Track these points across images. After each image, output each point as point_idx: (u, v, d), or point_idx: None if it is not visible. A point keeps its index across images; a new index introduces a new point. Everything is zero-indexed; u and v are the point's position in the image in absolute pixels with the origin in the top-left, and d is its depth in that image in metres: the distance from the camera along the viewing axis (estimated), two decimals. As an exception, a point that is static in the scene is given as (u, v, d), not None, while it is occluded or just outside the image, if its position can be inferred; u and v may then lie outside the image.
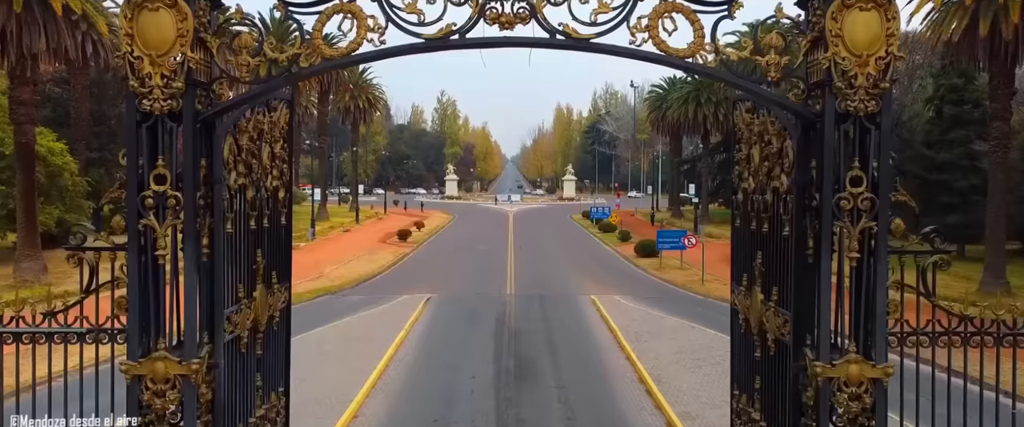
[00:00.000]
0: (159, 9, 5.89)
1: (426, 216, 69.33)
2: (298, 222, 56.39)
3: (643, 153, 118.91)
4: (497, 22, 6.33)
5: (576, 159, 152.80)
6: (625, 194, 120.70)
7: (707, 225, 55.92)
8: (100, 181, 46.80)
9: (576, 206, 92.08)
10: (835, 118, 6.07)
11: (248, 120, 7.05)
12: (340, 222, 59.33)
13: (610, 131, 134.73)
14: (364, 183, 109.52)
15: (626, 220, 66.42)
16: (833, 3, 5.91)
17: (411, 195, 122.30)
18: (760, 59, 6.30)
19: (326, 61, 6.42)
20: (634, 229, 54.33)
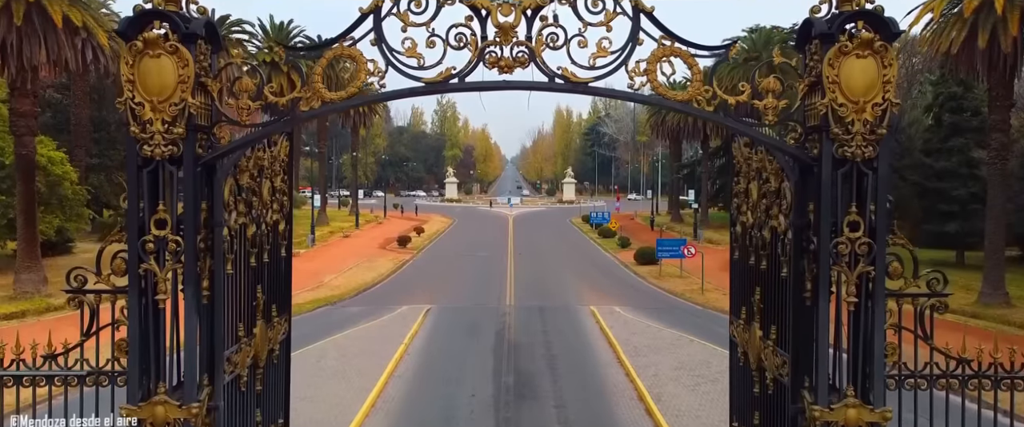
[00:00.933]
0: (160, 56, 5.92)
1: (425, 220, 69.42)
2: (298, 227, 56.40)
3: (643, 155, 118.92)
4: (496, 66, 6.36)
5: (576, 161, 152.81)
6: (625, 196, 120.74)
7: (706, 229, 55.96)
8: (100, 187, 46.91)
9: (575, 209, 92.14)
10: (832, 163, 6.11)
11: (248, 158, 7.08)
12: (340, 227, 59.33)
13: (610, 133, 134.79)
14: (364, 186, 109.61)
15: (625, 224, 66.49)
16: (830, 50, 5.94)
17: (411, 197, 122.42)
18: (758, 103, 6.34)
19: (326, 104, 6.46)
20: (634, 234, 54.35)
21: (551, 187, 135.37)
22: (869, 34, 5.86)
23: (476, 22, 6.38)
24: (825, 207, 6.11)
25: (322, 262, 38.05)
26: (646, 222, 66.45)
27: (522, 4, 6.26)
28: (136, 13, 5.98)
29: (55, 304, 23.79)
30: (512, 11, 6.26)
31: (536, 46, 6.36)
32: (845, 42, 5.90)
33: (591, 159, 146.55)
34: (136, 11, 6.03)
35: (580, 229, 62.86)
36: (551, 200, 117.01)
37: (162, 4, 6.02)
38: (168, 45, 5.90)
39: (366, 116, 73.79)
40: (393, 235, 53.28)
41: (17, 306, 22.80)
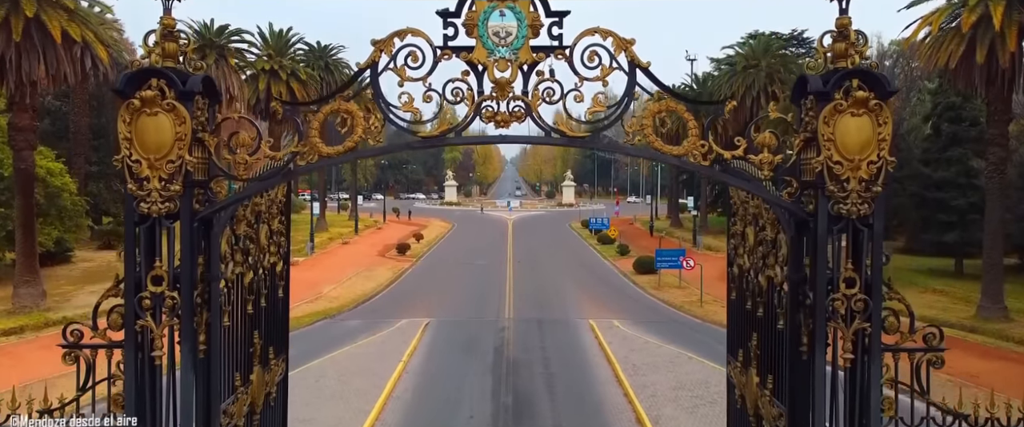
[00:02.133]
0: (158, 114, 5.93)
1: (424, 225, 69.43)
2: (297, 233, 56.34)
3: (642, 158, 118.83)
4: (493, 120, 6.39)
5: (575, 163, 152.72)
6: (624, 199, 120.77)
7: (706, 234, 55.98)
8: (99, 194, 46.93)
9: (575, 213, 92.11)
10: (828, 220, 6.14)
11: (246, 206, 7.09)
12: (339, 233, 59.32)
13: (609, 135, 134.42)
14: (363, 189, 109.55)
15: (625, 229, 66.44)
16: (825, 107, 5.96)
17: (410, 200, 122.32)
18: (754, 157, 6.35)
19: (323, 159, 6.48)
20: (633, 241, 54.34)
21: (550, 189, 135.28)
22: (864, 93, 5.89)
23: (473, 77, 6.40)
24: (821, 263, 6.14)
25: (321, 271, 38.05)
26: (645, 227, 66.49)
27: (518, 59, 6.28)
28: (134, 71, 6.00)
29: (53, 319, 23.76)
30: (508, 66, 6.28)
31: (532, 100, 6.38)
32: (840, 100, 5.92)
33: (590, 161, 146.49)
34: (134, 68, 6.06)
35: (579, 234, 62.87)
36: (550, 203, 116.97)
37: (159, 62, 6.03)
38: (165, 103, 5.92)
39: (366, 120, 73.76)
40: (392, 242, 53.28)
41: (16, 321, 22.78)
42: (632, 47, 6.38)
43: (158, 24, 6.20)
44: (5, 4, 22.16)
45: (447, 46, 6.39)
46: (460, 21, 6.31)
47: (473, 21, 6.25)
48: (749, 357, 7.72)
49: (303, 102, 7.29)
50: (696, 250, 49.78)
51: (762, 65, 47.76)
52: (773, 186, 6.66)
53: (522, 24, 6.23)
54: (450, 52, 6.38)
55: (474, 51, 6.30)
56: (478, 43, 6.28)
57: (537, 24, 6.27)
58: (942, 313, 25.99)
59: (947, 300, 28.90)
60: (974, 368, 19.11)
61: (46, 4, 22.82)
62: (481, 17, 6.23)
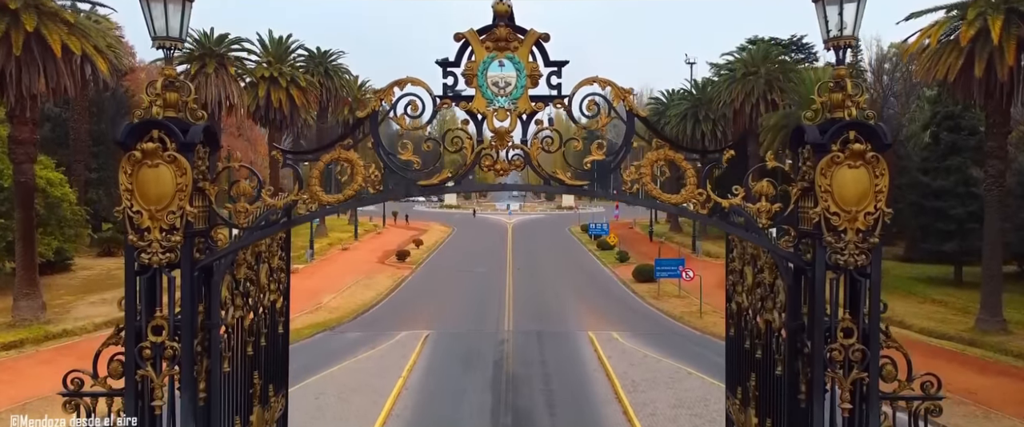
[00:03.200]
0: (159, 165, 5.97)
1: (424, 230, 69.41)
2: (297, 239, 56.33)
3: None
4: (492, 169, 6.43)
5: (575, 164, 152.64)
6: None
7: (705, 241, 55.93)
8: (99, 201, 46.93)
9: (574, 216, 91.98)
10: (825, 268, 6.17)
11: (247, 249, 7.12)
12: (339, 238, 59.25)
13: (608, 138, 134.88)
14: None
15: (624, 234, 66.44)
16: (822, 159, 6.01)
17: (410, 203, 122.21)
18: (751, 206, 6.39)
19: (323, 207, 6.52)
20: (632, 246, 54.37)
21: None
22: (861, 145, 5.93)
23: (472, 126, 6.45)
24: (818, 313, 6.17)
25: (321, 279, 38.06)
26: (645, 232, 66.43)
27: (517, 109, 6.33)
28: (135, 123, 6.04)
29: (53, 332, 23.80)
30: (507, 116, 6.32)
31: (531, 149, 6.43)
32: (837, 152, 5.96)
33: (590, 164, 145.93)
34: (136, 119, 6.09)
35: (579, 240, 62.86)
36: (550, 205, 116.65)
37: (160, 113, 6.07)
38: (166, 155, 5.95)
39: (365, 125, 73.84)
40: (392, 247, 53.26)
41: (16, 334, 22.79)
42: (630, 96, 6.42)
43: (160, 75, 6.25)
44: (5, 18, 22.16)
45: (447, 95, 6.45)
46: (459, 71, 6.36)
47: (472, 71, 6.31)
48: (748, 397, 7.76)
49: (303, 151, 7.22)
50: (695, 257, 49.77)
51: (761, 72, 47.78)
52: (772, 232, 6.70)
53: (521, 74, 6.28)
54: (450, 101, 6.43)
55: (473, 101, 6.36)
56: (477, 93, 6.34)
57: (536, 74, 6.32)
58: (940, 325, 26.01)
59: (946, 311, 28.91)
60: (973, 384, 19.14)
61: (46, 18, 22.81)
62: (480, 67, 6.28)
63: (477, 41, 6.26)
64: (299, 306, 30.11)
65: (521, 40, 6.28)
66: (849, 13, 6.05)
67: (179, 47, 6.23)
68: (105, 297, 30.72)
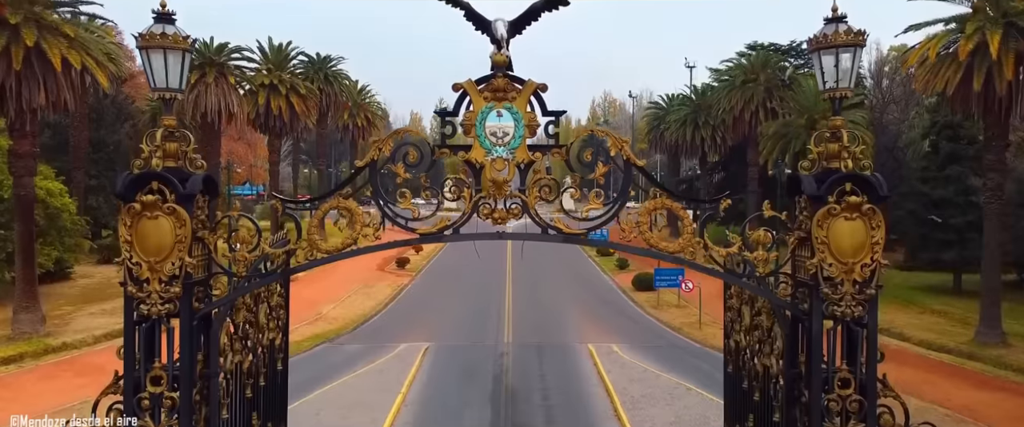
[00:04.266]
0: (158, 217, 6.00)
1: (424, 235, 69.39)
2: (296, 244, 56.34)
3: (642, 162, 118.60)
4: (490, 217, 6.46)
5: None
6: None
7: (705, 247, 55.98)
8: (99, 208, 46.94)
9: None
10: (822, 319, 6.20)
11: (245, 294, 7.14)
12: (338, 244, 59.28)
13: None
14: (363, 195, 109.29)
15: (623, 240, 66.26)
16: (819, 211, 6.04)
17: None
18: (749, 255, 6.41)
19: (322, 256, 6.54)
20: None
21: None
22: (857, 198, 5.96)
23: (471, 175, 6.48)
24: (816, 363, 6.20)
25: (321, 288, 37.99)
26: (644, 237, 66.50)
27: (515, 159, 6.36)
28: (135, 174, 6.07)
29: (53, 345, 23.79)
30: (506, 165, 6.35)
31: (530, 198, 6.46)
32: (833, 204, 5.99)
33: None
34: (136, 171, 6.12)
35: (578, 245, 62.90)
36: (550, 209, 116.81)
37: (160, 164, 6.10)
38: (166, 207, 5.99)
39: (365, 131, 73.86)
40: (392, 253, 53.28)
41: (15, 348, 22.78)
42: (626, 146, 6.44)
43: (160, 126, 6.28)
44: (6, 33, 22.18)
45: (445, 144, 6.48)
46: (458, 120, 6.39)
47: (471, 121, 6.34)
48: (745, 437, 7.78)
49: (303, 199, 7.25)
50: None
51: (760, 79, 47.78)
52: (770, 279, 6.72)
53: (519, 124, 6.31)
54: (448, 150, 6.46)
55: (472, 150, 6.39)
56: (476, 143, 6.37)
57: (534, 124, 6.35)
58: (940, 337, 26.01)
59: (945, 322, 28.92)
60: (972, 400, 19.15)
61: (46, 32, 22.85)
62: (479, 117, 6.31)
63: (475, 91, 6.29)
64: (299, 316, 30.05)
65: (519, 90, 6.32)
66: (845, 66, 6.08)
67: (177, 97, 6.25)
68: (105, 307, 30.71)
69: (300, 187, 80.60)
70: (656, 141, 68.85)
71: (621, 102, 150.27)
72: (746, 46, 59.66)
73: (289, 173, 76.11)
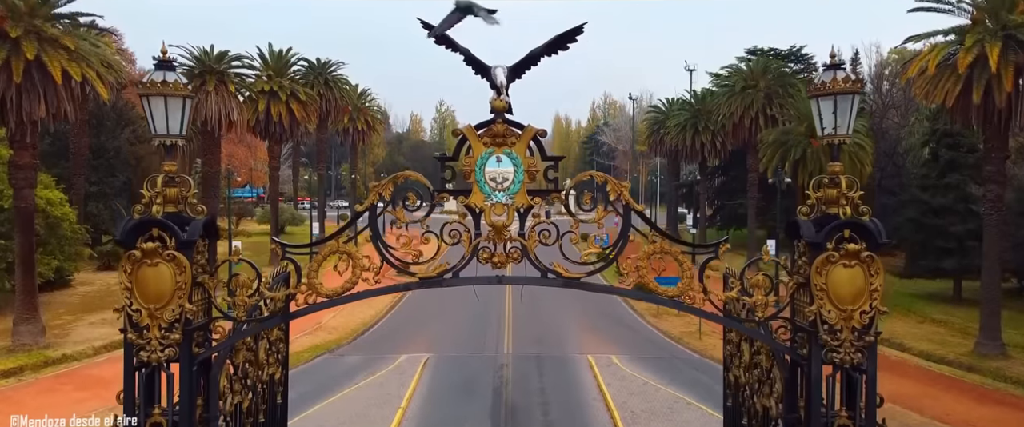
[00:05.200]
0: (158, 264, 6.02)
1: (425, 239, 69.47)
2: (296, 250, 56.30)
3: (642, 164, 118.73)
4: (490, 262, 6.48)
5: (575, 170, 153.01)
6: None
7: (705, 252, 55.96)
8: (99, 215, 46.96)
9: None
10: (822, 364, 6.21)
11: (245, 332, 7.15)
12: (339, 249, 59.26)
13: (608, 142, 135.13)
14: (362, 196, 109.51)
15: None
16: (818, 258, 6.05)
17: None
18: (748, 299, 6.42)
19: (322, 301, 6.55)
20: (632, 258, 54.40)
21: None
22: (856, 246, 5.97)
23: (470, 218, 6.49)
24: (815, 408, 6.21)
25: (321, 295, 38.08)
26: (644, 242, 66.48)
27: (515, 203, 6.37)
28: (135, 222, 6.08)
29: (53, 357, 23.79)
30: (505, 210, 6.37)
31: (529, 242, 6.47)
32: (832, 251, 6.01)
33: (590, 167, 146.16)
34: (136, 217, 6.13)
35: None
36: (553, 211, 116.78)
37: (160, 211, 6.11)
38: (166, 254, 6.00)
39: (365, 134, 73.90)
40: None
41: (15, 361, 22.78)
42: (626, 190, 6.45)
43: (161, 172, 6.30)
44: (6, 46, 22.20)
45: (445, 189, 6.49)
46: (458, 166, 6.40)
47: (470, 166, 6.35)
48: (745, 473, 7.79)
49: (303, 244, 7.23)
50: (695, 269, 49.76)
51: (760, 86, 47.77)
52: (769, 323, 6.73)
53: (519, 169, 6.32)
54: (448, 195, 6.47)
55: (471, 195, 6.40)
56: (475, 187, 6.38)
57: (533, 169, 6.37)
58: (939, 348, 26.03)
59: (945, 332, 28.93)
60: (972, 415, 19.16)
61: (47, 44, 22.86)
62: (478, 162, 6.32)
63: (475, 137, 6.31)
64: (299, 327, 30.05)
65: (519, 135, 6.33)
66: (843, 113, 6.09)
67: (179, 143, 6.26)
68: (105, 317, 30.70)
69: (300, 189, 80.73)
70: (656, 145, 68.96)
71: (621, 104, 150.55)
72: (746, 51, 59.82)
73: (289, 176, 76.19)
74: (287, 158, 74.79)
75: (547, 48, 6.35)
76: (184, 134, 6.31)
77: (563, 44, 6.40)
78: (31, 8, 23.06)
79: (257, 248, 56.66)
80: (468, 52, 6.35)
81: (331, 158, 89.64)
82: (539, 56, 6.37)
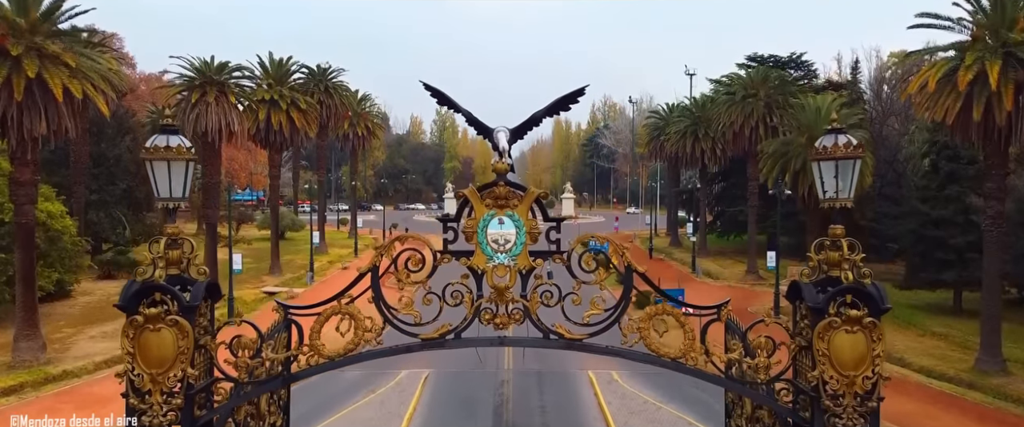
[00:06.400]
0: (161, 329, 6.03)
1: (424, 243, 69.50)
2: (297, 257, 56.54)
3: (642, 167, 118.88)
4: (492, 323, 6.49)
5: (575, 172, 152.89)
6: (624, 210, 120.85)
7: (705, 258, 55.96)
8: (99, 223, 46.99)
9: (574, 228, 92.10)
10: None
11: (246, 386, 7.15)
12: (339, 255, 59.33)
13: (608, 145, 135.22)
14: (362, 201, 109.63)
15: (624, 249, 66.21)
16: (820, 323, 6.06)
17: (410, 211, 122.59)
18: (750, 361, 6.43)
19: (324, 362, 6.56)
20: (632, 265, 54.29)
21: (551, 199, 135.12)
22: (858, 311, 5.98)
23: (472, 279, 6.50)
24: (816, 472, 6.21)
25: (321, 306, 38.06)
26: (645, 247, 66.46)
27: (517, 265, 6.38)
28: (138, 287, 6.09)
29: (53, 373, 23.80)
30: (507, 272, 6.38)
31: (531, 303, 6.48)
32: (834, 317, 6.02)
33: (590, 170, 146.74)
34: (139, 281, 6.14)
35: (579, 256, 62.85)
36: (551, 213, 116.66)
37: (162, 276, 6.12)
38: (169, 319, 6.01)
39: (365, 140, 73.92)
40: (392, 266, 53.25)
41: (15, 378, 22.80)
42: (627, 253, 6.46)
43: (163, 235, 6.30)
44: (7, 64, 22.21)
45: (447, 250, 6.50)
46: (460, 227, 6.42)
47: (472, 228, 6.36)
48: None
49: (305, 306, 7.26)
50: (695, 278, 49.78)
51: (760, 95, 47.80)
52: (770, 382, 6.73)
53: (520, 231, 6.33)
54: (450, 256, 6.47)
55: (474, 256, 6.41)
56: (478, 249, 6.39)
57: (535, 231, 6.38)
58: (940, 363, 26.03)
59: (945, 346, 28.94)
60: None
61: (48, 61, 22.88)
62: (480, 224, 6.34)
63: (477, 199, 6.32)
64: (299, 339, 30.18)
65: (521, 197, 6.35)
66: (845, 177, 6.10)
67: (181, 206, 6.27)
68: (105, 330, 30.71)
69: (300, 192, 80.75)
70: (656, 151, 69.03)
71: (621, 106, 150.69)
72: (746, 57, 59.94)
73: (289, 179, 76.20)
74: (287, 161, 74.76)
75: (548, 110, 6.38)
76: (186, 197, 6.31)
77: (565, 105, 6.43)
78: (32, 25, 23.08)
79: (257, 255, 56.72)
80: (470, 114, 6.37)
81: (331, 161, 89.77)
82: (541, 118, 6.39)
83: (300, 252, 56.51)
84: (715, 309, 6.47)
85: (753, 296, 43.13)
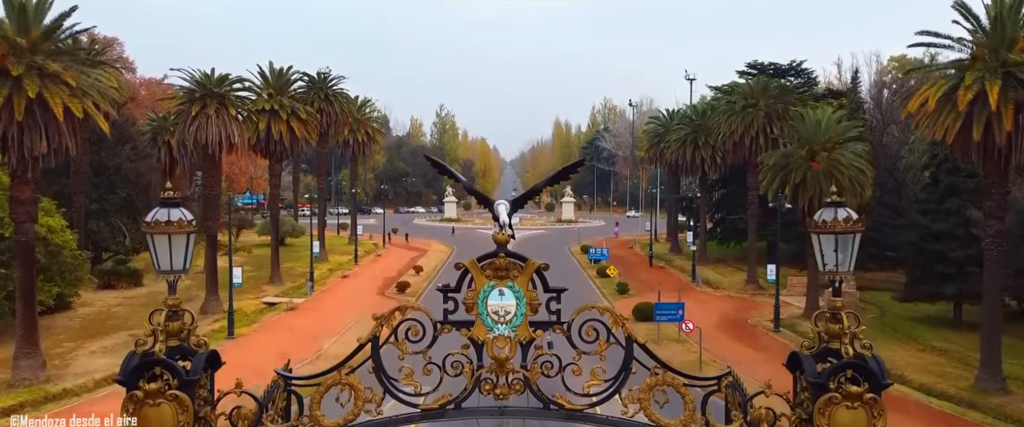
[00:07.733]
0: (160, 404, 6.02)
1: (424, 250, 69.70)
2: (297, 265, 56.57)
3: (642, 169, 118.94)
4: (492, 393, 6.49)
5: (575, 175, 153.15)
6: (624, 213, 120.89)
7: (705, 266, 55.97)
8: (99, 232, 47.04)
9: (574, 231, 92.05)
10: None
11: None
12: (339, 263, 59.32)
13: (608, 148, 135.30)
14: (363, 204, 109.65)
15: (624, 255, 66.41)
16: (821, 398, 6.05)
17: (410, 214, 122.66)
18: (752, 432, 6.42)
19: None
20: (632, 273, 54.35)
21: (550, 201, 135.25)
22: (858, 387, 5.98)
23: (472, 349, 6.51)
24: None
25: (321, 317, 38.07)
26: (645, 253, 66.50)
27: (517, 337, 6.39)
28: (138, 361, 6.09)
29: (53, 392, 23.78)
30: (507, 344, 6.38)
31: (531, 374, 6.49)
32: (834, 393, 6.01)
33: (590, 172, 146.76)
34: (139, 354, 6.14)
35: (578, 263, 62.91)
36: (551, 218, 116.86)
37: (162, 349, 6.12)
38: (169, 394, 6.01)
39: (365, 145, 73.92)
40: (392, 274, 53.34)
41: (15, 397, 22.79)
42: (627, 322, 6.47)
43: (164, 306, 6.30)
44: (8, 84, 22.23)
45: (447, 321, 6.50)
46: (460, 298, 6.42)
47: (472, 299, 6.36)
48: None
49: (306, 376, 7.27)
50: (695, 287, 49.80)
51: (760, 105, 47.82)
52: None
53: (521, 302, 6.34)
54: (450, 327, 6.48)
55: (474, 327, 6.41)
56: (478, 320, 6.40)
57: (535, 302, 6.38)
58: (940, 381, 26.01)
59: (946, 361, 28.93)
60: None
61: (48, 81, 22.91)
62: (481, 295, 6.34)
63: (477, 270, 6.32)
64: (300, 355, 30.07)
65: (521, 268, 6.35)
66: (844, 250, 6.11)
67: (182, 278, 6.27)
68: (105, 345, 30.75)
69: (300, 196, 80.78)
70: (656, 157, 69.08)
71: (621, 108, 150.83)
72: (746, 65, 59.92)
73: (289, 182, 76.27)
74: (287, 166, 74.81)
75: (548, 182, 6.40)
76: (187, 268, 6.31)
77: (565, 176, 6.45)
78: (33, 44, 23.11)
79: (257, 263, 56.77)
80: (470, 186, 6.39)
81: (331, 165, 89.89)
82: (541, 189, 6.40)
83: (300, 259, 56.47)
84: (716, 380, 6.48)
85: (753, 307, 43.16)
